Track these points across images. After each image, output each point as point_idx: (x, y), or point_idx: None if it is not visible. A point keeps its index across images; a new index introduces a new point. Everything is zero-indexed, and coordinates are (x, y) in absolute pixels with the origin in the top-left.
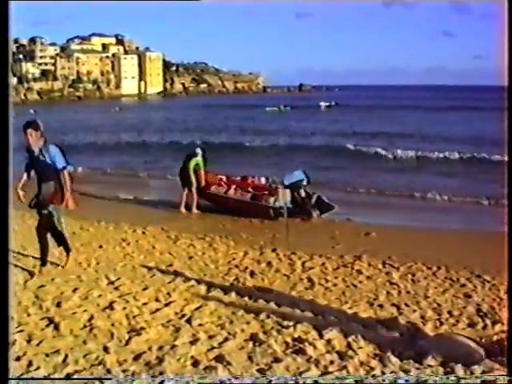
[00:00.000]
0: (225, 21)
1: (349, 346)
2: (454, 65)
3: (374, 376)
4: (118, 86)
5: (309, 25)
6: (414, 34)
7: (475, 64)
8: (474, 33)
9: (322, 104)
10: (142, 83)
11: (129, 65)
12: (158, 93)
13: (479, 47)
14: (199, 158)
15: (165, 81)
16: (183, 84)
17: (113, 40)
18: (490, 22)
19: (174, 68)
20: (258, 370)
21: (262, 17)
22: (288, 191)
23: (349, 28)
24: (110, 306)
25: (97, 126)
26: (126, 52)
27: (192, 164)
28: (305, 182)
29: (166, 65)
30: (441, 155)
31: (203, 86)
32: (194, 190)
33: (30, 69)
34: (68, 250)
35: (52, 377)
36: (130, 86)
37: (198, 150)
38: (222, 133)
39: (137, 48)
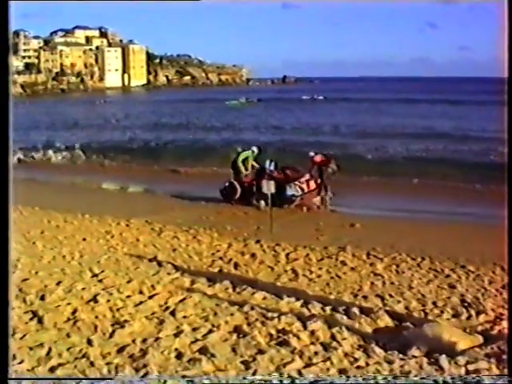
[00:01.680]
0: (209, 12)
1: (333, 337)
2: (438, 56)
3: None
4: (101, 79)
5: (295, 16)
6: (399, 26)
7: (460, 55)
8: (459, 24)
9: (304, 97)
10: (126, 76)
11: (112, 57)
12: (142, 85)
13: (464, 38)
14: (248, 153)
15: (148, 73)
16: (167, 76)
17: (96, 33)
18: (476, 13)
19: (157, 60)
20: (241, 362)
21: (247, 8)
22: (272, 182)
23: (335, 19)
24: (94, 299)
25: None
26: (109, 45)
27: (241, 157)
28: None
29: (150, 57)
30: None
31: (187, 78)
32: (242, 176)
33: (14, 62)
34: None
35: (52, 377)
36: (113, 79)
37: (254, 148)
38: (156, 130)
39: (120, 41)
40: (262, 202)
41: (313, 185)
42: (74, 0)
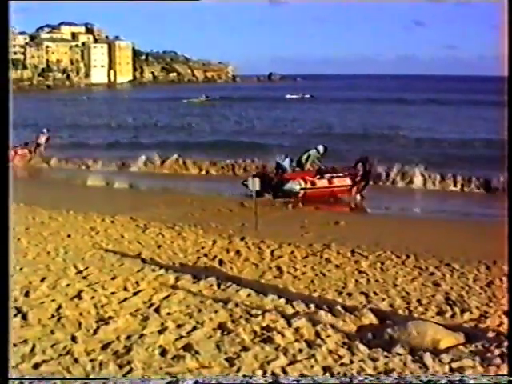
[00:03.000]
0: (195, 8)
1: (317, 334)
2: (424, 54)
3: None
4: (87, 75)
5: (282, 13)
6: (385, 24)
7: (446, 53)
8: (445, 22)
9: (289, 96)
10: (112, 72)
11: (98, 54)
12: (128, 82)
13: (451, 37)
14: (312, 152)
15: (134, 70)
16: (153, 73)
17: (82, 29)
18: (463, 11)
19: (143, 57)
20: (226, 359)
21: (235, 5)
22: (257, 179)
23: (322, 17)
24: (79, 296)
25: None
26: (95, 41)
27: (305, 155)
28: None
29: (136, 54)
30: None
31: (173, 74)
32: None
33: None
34: None
35: (52, 377)
36: (99, 75)
37: (320, 147)
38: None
39: (106, 37)
40: (266, 195)
41: (348, 181)
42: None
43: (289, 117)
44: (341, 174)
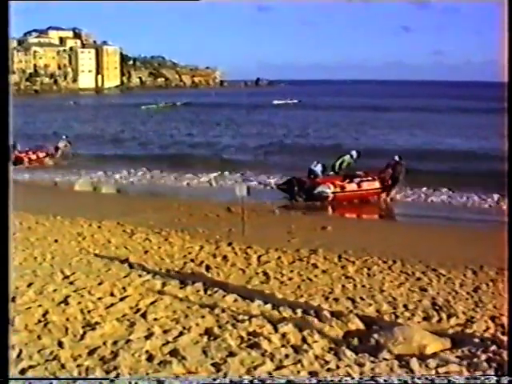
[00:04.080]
0: (184, 14)
1: (304, 339)
2: (412, 60)
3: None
4: (75, 80)
5: (271, 18)
6: (373, 29)
7: (434, 59)
8: (432, 28)
9: (276, 102)
10: (100, 77)
11: (86, 58)
12: (116, 87)
13: (438, 43)
14: (346, 158)
15: (122, 75)
16: (140, 78)
17: (70, 33)
18: (450, 17)
19: (131, 62)
20: (212, 365)
21: (223, 10)
22: (245, 185)
23: (310, 22)
24: (65, 301)
25: None
26: (83, 46)
27: (338, 161)
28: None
29: (124, 59)
30: None
31: (160, 79)
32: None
33: None
34: None
35: (53, 377)
36: (87, 80)
37: (353, 152)
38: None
39: (94, 42)
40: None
41: (377, 184)
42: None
43: (245, 125)
44: (370, 178)
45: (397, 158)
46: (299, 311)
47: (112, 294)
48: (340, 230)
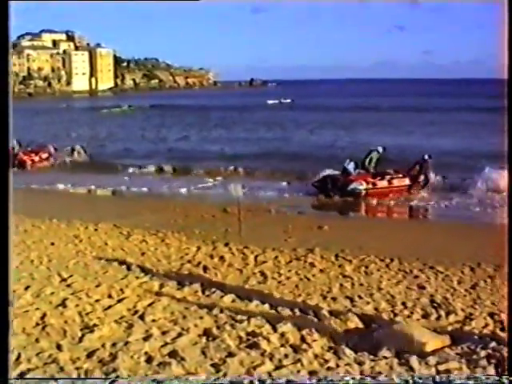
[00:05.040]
0: (177, 15)
1: (303, 339)
2: (403, 59)
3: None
4: (68, 83)
5: (264, 20)
6: (364, 29)
7: (424, 59)
8: (423, 27)
9: (270, 102)
10: (93, 79)
11: (79, 61)
12: (109, 89)
13: (428, 42)
14: (373, 154)
15: (116, 77)
16: (134, 80)
17: (63, 36)
18: (439, 17)
19: (124, 64)
20: (212, 365)
21: (217, 11)
22: (239, 185)
23: (304, 24)
24: (63, 304)
25: None
26: (76, 48)
27: (367, 158)
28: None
29: (117, 61)
30: None
31: (154, 81)
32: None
33: None
34: None
35: (53, 377)
36: (81, 83)
37: (379, 148)
38: None
39: (87, 44)
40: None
41: (407, 181)
42: (71, 0)
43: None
44: (400, 175)
45: (426, 156)
46: (297, 310)
47: (110, 296)
48: (336, 228)
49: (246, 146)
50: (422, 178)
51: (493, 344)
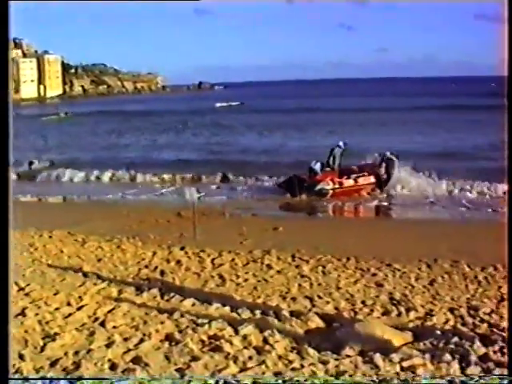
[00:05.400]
0: (122, 20)
1: (265, 340)
2: (355, 59)
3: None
4: (17, 90)
5: (208, 22)
6: (314, 29)
7: (377, 57)
8: (374, 26)
9: (218, 105)
10: (42, 87)
11: (27, 68)
12: (58, 96)
13: (381, 40)
14: (335, 151)
15: (64, 83)
16: (82, 86)
17: (11, 44)
18: (390, 15)
19: (72, 70)
20: (176, 370)
21: (159, 14)
22: (194, 189)
23: (250, 25)
24: (22, 313)
25: None
26: (24, 55)
27: (331, 156)
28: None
29: (65, 67)
30: None
31: (102, 87)
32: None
33: None
34: None
35: (53, 377)
36: (29, 90)
37: (340, 143)
38: None
39: (35, 51)
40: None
41: (372, 179)
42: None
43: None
44: (366, 174)
45: (388, 153)
46: (258, 312)
47: (69, 304)
48: (291, 229)
49: (195, 151)
50: (384, 175)
51: (455, 339)
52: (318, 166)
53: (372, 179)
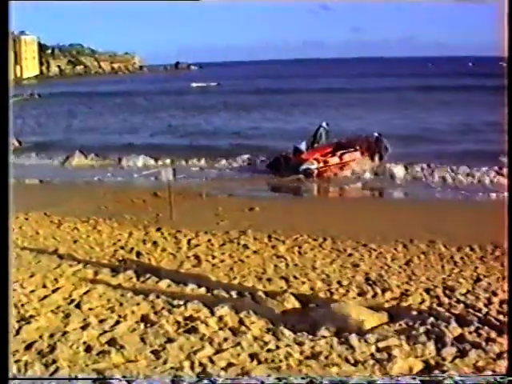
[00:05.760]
0: None
1: (241, 321)
2: (330, 38)
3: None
4: None
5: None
6: (290, 9)
7: (353, 37)
8: (349, 5)
9: (194, 85)
10: (18, 67)
11: None
12: (35, 76)
13: (355, 20)
14: (321, 130)
15: (41, 64)
16: (59, 66)
17: None
18: None
19: (49, 51)
20: (152, 352)
21: None
22: (170, 169)
23: (228, 4)
24: None
25: None
26: None
27: (317, 135)
28: None
29: (42, 48)
30: None
31: (79, 67)
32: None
33: None
34: None
35: (53, 377)
36: None
37: (323, 123)
38: None
39: (12, 32)
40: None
41: (357, 155)
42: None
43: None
44: (352, 149)
45: (376, 134)
46: (234, 293)
47: (44, 286)
48: (267, 210)
49: (171, 132)
50: (377, 155)
51: (431, 319)
52: (303, 146)
53: (358, 155)
